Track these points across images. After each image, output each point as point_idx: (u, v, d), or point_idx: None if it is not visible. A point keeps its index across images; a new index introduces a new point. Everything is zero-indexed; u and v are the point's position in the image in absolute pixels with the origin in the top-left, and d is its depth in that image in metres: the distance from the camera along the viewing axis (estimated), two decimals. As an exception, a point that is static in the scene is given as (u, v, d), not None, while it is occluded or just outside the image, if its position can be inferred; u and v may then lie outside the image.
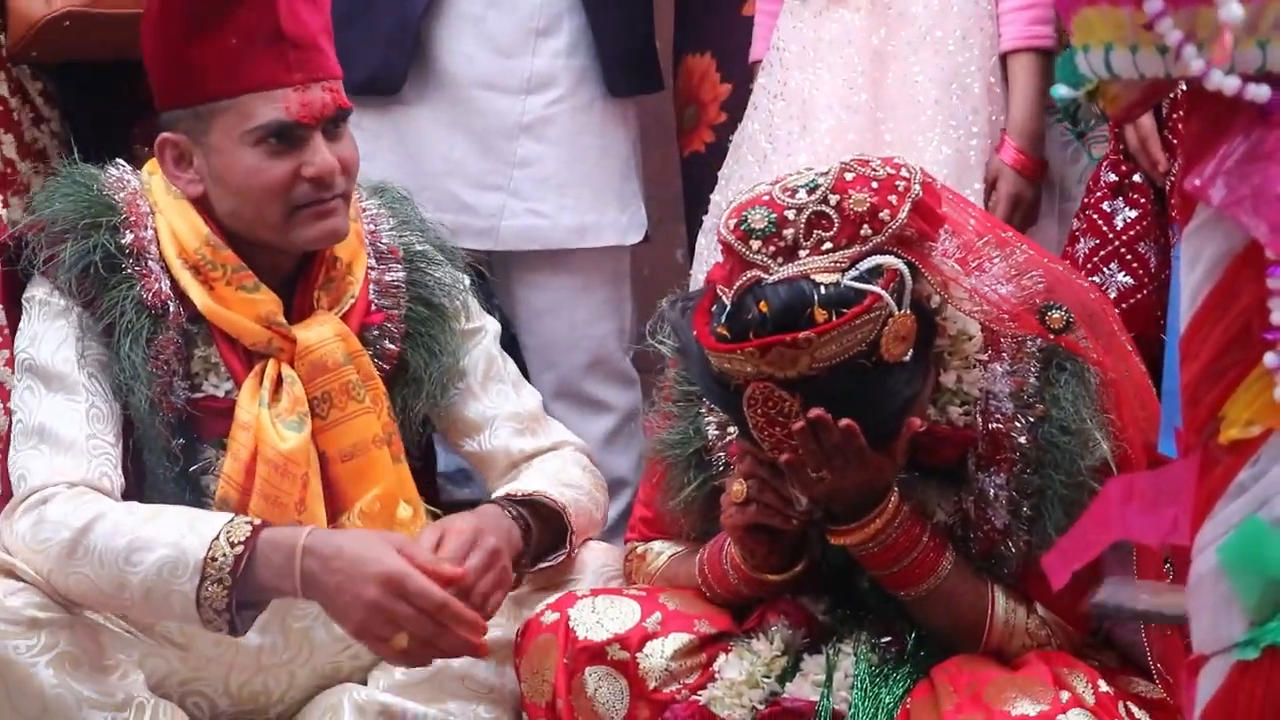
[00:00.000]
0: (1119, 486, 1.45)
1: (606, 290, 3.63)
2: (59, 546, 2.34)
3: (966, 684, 2.20)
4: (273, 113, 2.45)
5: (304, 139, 2.47)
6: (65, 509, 2.37)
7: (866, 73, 3.11)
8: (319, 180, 2.47)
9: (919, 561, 2.24)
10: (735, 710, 2.29)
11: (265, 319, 2.52)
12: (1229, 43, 1.27)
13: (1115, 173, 2.97)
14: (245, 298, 2.51)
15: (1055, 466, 2.23)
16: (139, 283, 2.48)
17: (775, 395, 2.11)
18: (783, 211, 2.13)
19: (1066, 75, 1.39)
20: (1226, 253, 1.35)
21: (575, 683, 2.35)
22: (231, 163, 2.47)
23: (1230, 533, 1.35)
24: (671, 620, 2.37)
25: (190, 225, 2.51)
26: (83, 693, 2.36)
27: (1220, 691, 1.38)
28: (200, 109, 2.47)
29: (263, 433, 2.48)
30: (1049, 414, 2.24)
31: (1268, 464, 1.35)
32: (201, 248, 2.50)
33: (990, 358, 2.27)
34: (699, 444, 2.41)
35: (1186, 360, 1.38)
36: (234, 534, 2.32)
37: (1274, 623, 1.35)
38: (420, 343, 2.64)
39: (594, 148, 3.50)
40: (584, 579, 2.57)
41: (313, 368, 2.53)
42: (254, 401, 2.50)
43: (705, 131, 3.57)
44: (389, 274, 2.65)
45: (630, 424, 3.68)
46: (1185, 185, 1.35)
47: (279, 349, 2.53)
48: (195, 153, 2.50)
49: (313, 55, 2.48)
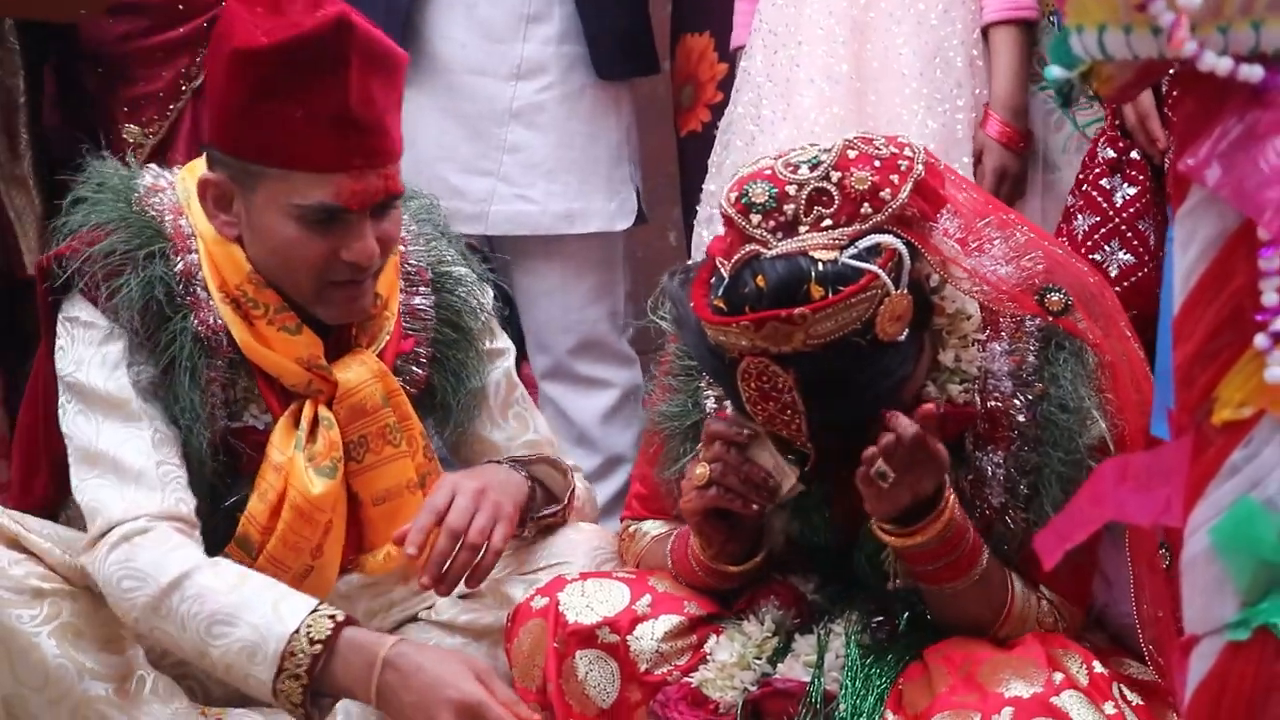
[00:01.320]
0: (1112, 467, 1.45)
1: (598, 275, 3.64)
2: (145, 600, 2.33)
3: (960, 664, 2.20)
4: (323, 195, 2.37)
5: (349, 222, 2.40)
6: (152, 556, 2.34)
7: (847, 43, 3.12)
8: (355, 265, 2.42)
9: (965, 555, 2.22)
10: (726, 692, 2.29)
11: (306, 361, 2.48)
12: (1184, 26, 1.27)
13: (1113, 149, 2.97)
14: (287, 339, 2.47)
15: (1054, 444, 2.23)
16: (192, 313, 2.43)
17: (769, 370, 2.10)
18: (784, 187, 2.12)
19: (1060, 56, 1.39)
20: (1220, 234, 1.35)
21: (566, 667, 2.35)
22: (272, 227, 2.41)
23: (1223, 514, 1.35)
24: (661, 602, 2.37)
25: (233, 260, 2.45)
26: (85, 663, 2.37)
27: (1212, 672, 1.38)
28: (251, 166, 2.40)
29: (294, 477, 2.45)
30: (1048, 392, 2.25)
31: (1260, 445, 1.35)
32: (244, 284, 2.45)
33: (989, 337, 2.27)
34: (696, 417, 2.41)
35: (1179, 341, 1.38)
36: (315, 630, 2.28)
37: (1265, 604, 1.35)
38: (447, 368, 2.63)
39: (583, 134, 3.51)
40: (576, 562, 2.57)
41: (351, 411, 2.51)
42: (289, 443, 2.47)
43: (702, 111, 3.57)
44: (417, 298, 2.62)
45: (630, 401, 3.69)
46: (1179, 166, 1.35)
47: (318, 391, 2.49)
48: (237, 199, 2.44)
49: (375, 139, 2.40)
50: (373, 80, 2.38)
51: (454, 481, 2.46)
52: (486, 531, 2.41)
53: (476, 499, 2.42)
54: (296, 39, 2.33)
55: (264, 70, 2.34)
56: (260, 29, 2.34)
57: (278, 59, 2.33)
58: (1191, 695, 1.39)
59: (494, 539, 2.41)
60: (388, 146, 2.42)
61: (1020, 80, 3.15)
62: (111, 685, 2.38)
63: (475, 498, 2.42)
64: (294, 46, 2.33)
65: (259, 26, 2.35)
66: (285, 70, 2.33)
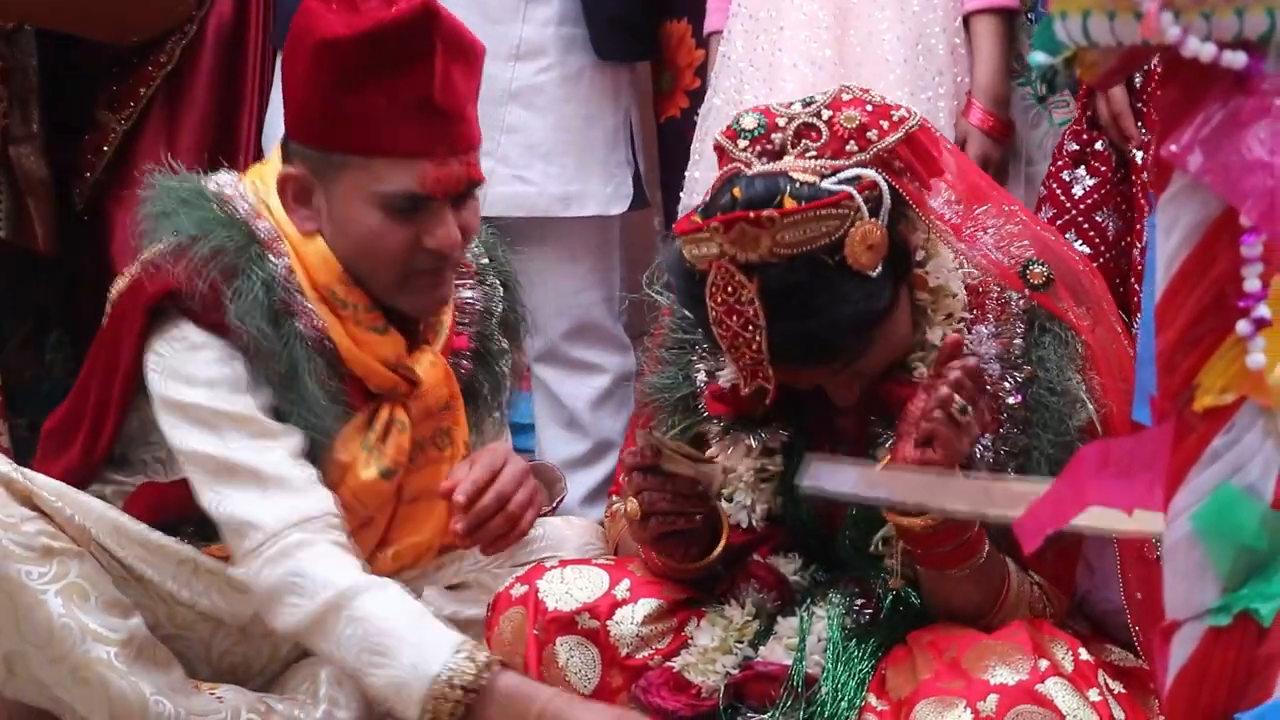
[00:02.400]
0: (1093, 453, 1.45)
1: (592, 259, 3.64)
2: (306, 616, 2.32)
3: (944, 650, 2.20)
4: (406, 182, 2.38)
5: (432, 209, 2.40)
6: (314, 571, 2.33)
7: (830, 28, 3.12)
8: (438, 253, 2.42)
9: (971, 540, 2.21)
10: (708, 676, 2.29)
11: (393, 362, 2.48)
12: (1155, 13, 1.28)
13: (1077, 142, 2.99)
14: (376, 339, 2.47)
15: (1043, 426, 2.24)
16: (299, 317, 2.43)
17: (735, 280, 2.11)
18: (774, 118, 2.17)
19: (1044, 42, 1.39)
20: (1203, 220, 1.35)
21: (546, 654, 2.36)
22: (355, 217, 2.41)
23: (1204, 500, 1.36)
24: (641, 586, 2.38)
25: (322, 258, 2.45)
26: (88, 624, 2.37)
27: (1193, 657, 1.38)
28: (333, 157, 2.41)
29: (353, 473, 2.45)
30: (1036, 375, 2.25)
31: (1241, 431, 1.35)
32: (334, 283, 2.44)
33: (975, 318, 2.28)
34: (687, 390, 2.42)
35: (1162, 327, 1.38)
36: (458, 676, 2.24)
37: (1246, 589, 1.36)
38: (486, 361, 2.64)
39: (581, 116, 3.51)
40: (567, 555, 2.58)
41: (423, 412, 2.51)
42: (357, 443, 2.47)
43: (680, 97, 3.57)
44: (464, 290, 2.63)
45: (622, 387, 3.70)
46: (1162, 152, 1.35)
47: (402, 394, 2.50)
48: (317, 193, 2.44)
49: (457, 126, 2.41)
50: (454, 68, 2.39)
51: (507, 452, 2.49)
52: (525, 506, 2.44)
53: (523, 475, 2.46)
54: (382, 26, 2.34)
55: (349, 60, 2.35)
56: (341, 21, 2.36)
57: (363, 48, 2.35)
58: (1172, 681, 1.40)
59: (525, 519, 2.45)
60: (469, 134, 2.43)
61: (1001, 69, 3.15)
62: (113, 649, 2.37)
63: (523, 474, 2.46)
64: (380, 34, 2.34)
65: (340, 19, 2.36)
66: (370, 59, 2.35)
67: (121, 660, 2.38)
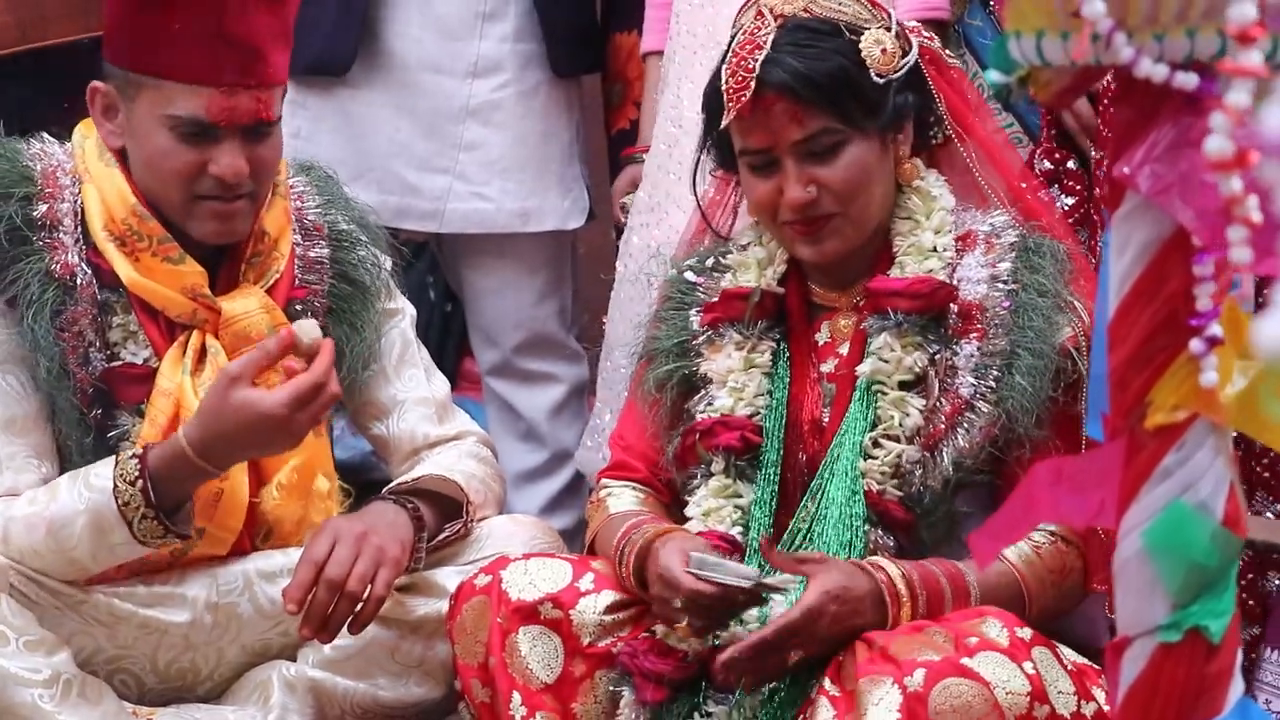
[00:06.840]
0: (1046, 469, 1.46)
1: (548, 272, 3.64)
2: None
3: (874, 642, 2.19)
4: (192, 107, 2.47)
5: (219, 137, 2.48)
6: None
7: None
8: (222, 180, 2.48)
9: (955, 597, 2.26)
10: (690, 645, 2.32)
11: (190, 290, 2.53)
12: (1087, 37, 1.29)
13: (1049, 160, 2.98)
14: (170, 269, 2.52)
15: (1027, 327, 2.31)
16: (48, 255, 2.49)
17: (763, 19, 2.37)
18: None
19: (999, 61, 1.40)
20: (1155, 239, 1.36)
21: (509, 643, 2.37)
22: (147, 135, 2.50)
23: (1155, 517, 1.37)
24: (604, 580, 2.40)
25: (119, 193, 2.52)
26: (8, 669, 2.34)
27: (1143, 673, 1.39)
28: (132, 75, 2.49)
29: (184, 399, 2.49)
30: (1024, 283, 2.35)
31: (1192, 449, 1.36)
32: (129, 217, 2.51)
33: (962, 248, 2.38)
34: (684, 336, 2.48)
35: (1114, 345, 1.39)
36: (126, 471, 2.37)
37: (1196, 606, 1.37)
38: (342, 319, 2.66)
39: (538, 132, 3.51)
40: (513, 553, 2.55)
41: (236, 338, 2.54)
42: (177, 370, 2.51)
43: (630, 109, 3.57)
44: (313, 250, 2.67)
45: (577, 398, 3.70)
46: (1115, 172, 1.36)
47: (203, 320, 2.54)
48: (121, 109, 2.53)
49: (250, 60, 2.48)
50: (257, 3, 2.47)
51: (335, 528, 2.44)
52: (368, 578, 2.40)
53: (357, 545, 2.41)
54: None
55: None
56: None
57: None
58: (1123, 696, 1.41)
59: (376, 586, 2.41)
60: (263, 70, 2.50)
61: None
62: (36, 690, 2.35)
63: (356, 544, 2.41)
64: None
65: None
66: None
67: (48, 701, 2.36)
